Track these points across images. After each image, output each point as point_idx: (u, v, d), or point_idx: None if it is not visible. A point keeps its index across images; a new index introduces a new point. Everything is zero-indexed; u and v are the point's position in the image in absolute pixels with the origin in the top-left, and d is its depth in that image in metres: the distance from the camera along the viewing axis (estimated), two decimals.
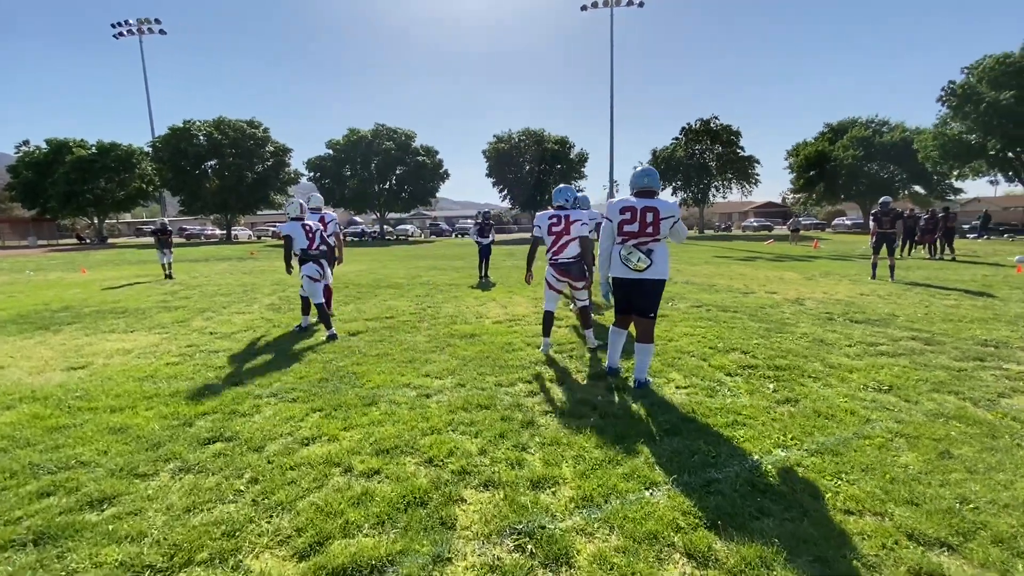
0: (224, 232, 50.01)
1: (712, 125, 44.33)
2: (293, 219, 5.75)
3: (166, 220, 13.62)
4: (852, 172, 39.74)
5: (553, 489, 2.48)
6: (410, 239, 45.34)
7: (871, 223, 10.25)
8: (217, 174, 44.81)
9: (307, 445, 2.97)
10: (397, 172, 47.02)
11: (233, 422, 3.30)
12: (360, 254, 22.72)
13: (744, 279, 10.77)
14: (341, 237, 6.87)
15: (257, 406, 3.59)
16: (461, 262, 16.51)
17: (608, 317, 6.61)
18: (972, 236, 21.54)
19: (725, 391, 3.81)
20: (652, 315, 3.78)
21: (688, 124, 45.46)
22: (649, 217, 3.61)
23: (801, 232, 29.55)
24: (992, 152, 25.75)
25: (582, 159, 46.71)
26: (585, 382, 4.06)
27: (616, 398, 3.69)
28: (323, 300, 5.77)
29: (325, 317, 5.69)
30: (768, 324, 6.10)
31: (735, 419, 3.26)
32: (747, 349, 4.97)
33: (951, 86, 26.69)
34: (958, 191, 38.44)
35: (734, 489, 2.44)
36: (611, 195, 42.90)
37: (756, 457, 2.76)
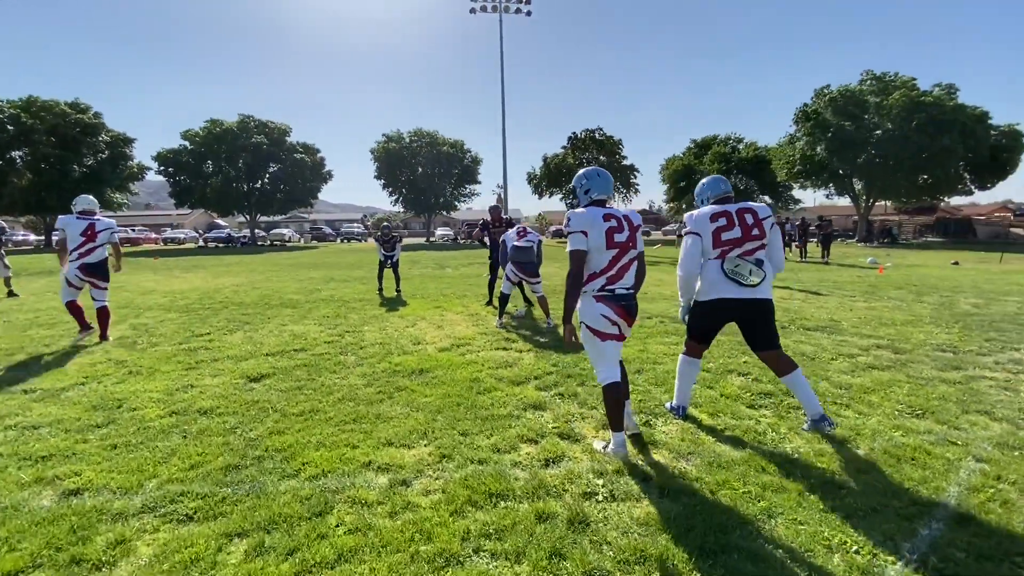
0: (42, 238, 40.76)
1: (597, 135, 46.52)
2: None
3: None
4: None
5: None
6: (288, 244, 40.99)
7: None
8: (30, 166, 36.25)
9: None
10: (271, 170, 42.23)
11: None
12: (232, 263, 19.50)
13: (667, 285, 10.73)
14: (118, 245, 6.32)
15: (123, 539, 2.12)
16: (361, 271, 14.72)
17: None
18: (813, 241, 25.18)
19: (769, 432, 3.19)
20: (779, 344, 3.16)
21: (575, 133, 47.20)
22: (749, 218, 3.03)
23: None
24: (830, 171, 30.28)
25: (476, 162, 46.17)
26: (603, 432, 3.17)
27: (660, 458, 2.86)
28: None
29: None
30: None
31: (821, 477, 2.61)
32: (743, 370, 4.50)
33: (805, 108, 30.83)
34: (797, 201, 44.84)
35: None
36: (502, 198, 42.82)
37: (903, 543, 2.09)
